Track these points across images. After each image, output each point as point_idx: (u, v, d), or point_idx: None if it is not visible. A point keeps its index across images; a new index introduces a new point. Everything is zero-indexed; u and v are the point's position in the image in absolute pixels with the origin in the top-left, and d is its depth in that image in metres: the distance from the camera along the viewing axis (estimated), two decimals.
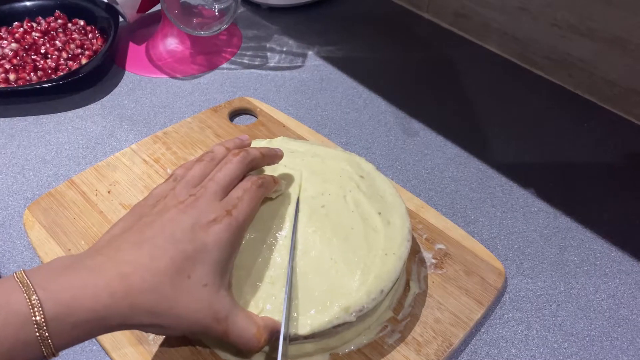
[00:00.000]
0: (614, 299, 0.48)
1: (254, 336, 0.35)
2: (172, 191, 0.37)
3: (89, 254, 0.31)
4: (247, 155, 0.40)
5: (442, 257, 0.49)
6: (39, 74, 0.69)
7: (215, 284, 0.33)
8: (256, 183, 0.39)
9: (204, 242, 0.33)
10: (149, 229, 0.33)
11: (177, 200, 0.35)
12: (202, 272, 0.33)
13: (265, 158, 0.43)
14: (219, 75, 0.74)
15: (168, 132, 0.61)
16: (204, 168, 0.39)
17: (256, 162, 0.41)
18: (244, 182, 0.39)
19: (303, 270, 0.40)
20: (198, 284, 0.32)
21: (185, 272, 0.32)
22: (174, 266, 0.31)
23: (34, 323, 0.26)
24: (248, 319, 0.35)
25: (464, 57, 0.79)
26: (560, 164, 0.62)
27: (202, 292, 0.32)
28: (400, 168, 0.60)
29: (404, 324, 0.44)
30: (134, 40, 0.79)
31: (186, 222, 0.33)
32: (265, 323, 0.36)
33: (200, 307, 0.32)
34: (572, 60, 0.71)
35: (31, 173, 0.58)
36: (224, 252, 0.34)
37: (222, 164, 0.39)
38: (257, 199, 0.38)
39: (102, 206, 0.52)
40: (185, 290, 0.31)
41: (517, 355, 0.44)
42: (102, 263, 0.30)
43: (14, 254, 0.50)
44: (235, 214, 0.36)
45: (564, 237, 0.53)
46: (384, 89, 0.72)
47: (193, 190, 0.36)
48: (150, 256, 0.31)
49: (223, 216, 0.35)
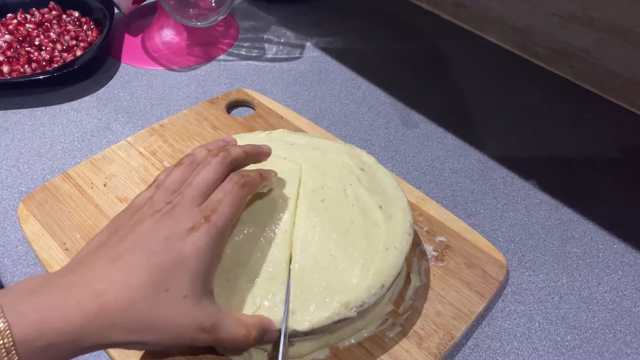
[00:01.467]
0: (616, 291, 0.48)
1: (244, 336, 0.34)
2: (150, 200, 0.35)
3: (61, 273, 0.30)
4: (227, 155, 0.38)
5: (443, 250, 0.48)
6: (33, 66, 0.68)
7: (197, 294, 0.32)
8: (238, 183, 0.37)
9: (181, 253, 0.31)
10: (123, 242, 0.32)
11: (154, 209, 0.34)
12: (181, 283, 0.31)
13: (250, 157, 0.40)
14: (216, 67, 0.73)
15: (164, 124, 0.60)
16: (183, 172, 0.37)
17: (238, 161, 0.39)
18: (225, 183, 0.37)
19: (302, 266, 0.39)
20: (177, 296, 0.31)
21: (163, 285, 0.30)
22: (150, 280, 0.30)
23: (2, 347, 0.25)
24: (235, 321, 0.34)
25: (464, 48, 0.78)
26: (562, 155, 0.61)
27: (183, 304, 0.31)
28: (400, 160, 0.60)
29: (404, 317, 0.43)
30: (129, 31, 0.78)
31: (162, 233, 0.32)
32: (254, 321, 0.35)
33: (182, 319, 0.31)
34: (573, 51, 0.70)
35: (26, 166, 0.57)
36: (203, 261, 0.32)
37: (200, 167, 0.37)
38: (240, 199, 0.36)
39: (98, 199, 0.52)
40: (164, 304, 0.30)
41: (519, 348, 0.43)
42: (74, 282, 0.29)
43: (8, 248, 0.49)
44: (215, 219, 0.34)
45: (566, 229, 0.53)
46: (383, 80, 0.71)
47: (171, 197, 0.35)
48: (124, 272, 0.30)
49: (201, 223, 0.33)
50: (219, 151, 0.38)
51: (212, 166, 0.37)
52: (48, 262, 0.46)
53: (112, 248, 0.31)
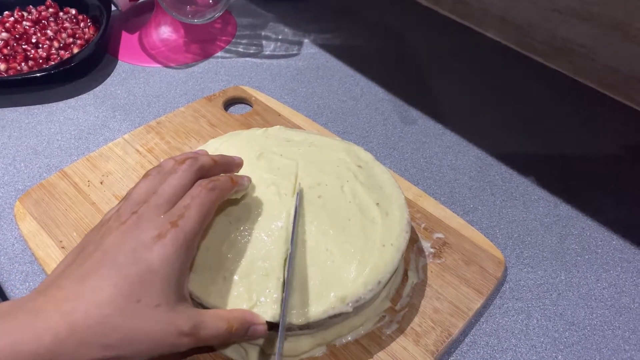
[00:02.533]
0: (615, 288, 0.47)
1: (226, 330, 0.34)
2: (117, 212, 0.34)
3: (31, 297, 0.30)
4: (194, 162, 0.37)
5: (441, 247, 0.48)
6: (30, 63, 0.68)
7: (170, 301, 0.31)
8: (206, 187, 0.36)
9: (149, 262, 0.31)
10: (90, 259, 0.31)
11: (119, 221, 0.33)
12: (152, 293, 0.30)
13: (219, 165, 0.40)
14: (214, 64, 0.73)
15: (162, 121, 0.60)
16: (150, 183, 0.36)
17: (206, 169, 0.38)
18: (193, 188, 0.36)
19: (298, 261, 0.39)
20: (149, 306, 0.30)
21: (134, 297, 0.30)
22: (120, 293, 0.29)
23: None
24: (215, 317, 0.34)
25: (463, 44, 0.78)
26: (561, 151, 0.61)
27: (157, 313, 0.30)
28: (398, 157, 0.59)
29: (402, 314, 0.43)
30: (126, 29, 0.78)
31: (128, 244, 0.31)
32: (234, 314, 0.35)
33: (158, 328, 0.30)
34: (572, 47, 0.69)
35: (22, 164, 0.57)
36: (173, 268, 0.32)
37: (166, 175, 0.36)
38: (208, 203, 0.35)
39: (95, 197, 0.51)
40: (137, 316, 0.30)
41: (517, 345, 0.43)
42: (43, 304, 0.29)
43: (5, 246, 0.49)
44: (182, 224, 0.33)
45: (564, 226, 0.53)
46: (381, 77, 0.71)
47: (136, 207, 0.34)
48: (93, 288, 0.29)
49: (167, 230, 0.32)
50: (185, 158, 0.38)
51: (178, 173, 0.36)
52: (45, 260, 0.46)
53: (80, 266, 0.31)
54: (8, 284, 0.46)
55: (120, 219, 0.33)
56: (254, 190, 0.44)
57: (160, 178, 0.36)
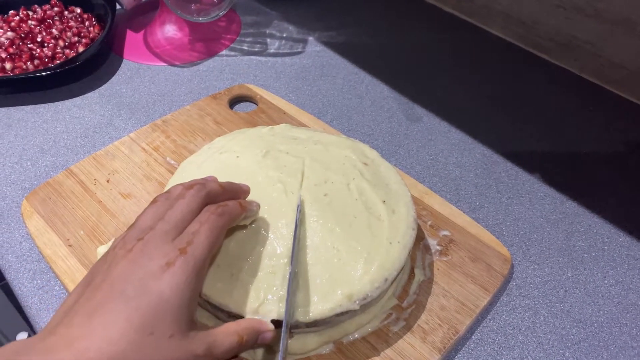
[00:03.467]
0: (622, 285, 0.47)
1: (238, 343, 0.33)
2: (122, 240, 0.33)
3: (41, 336, 0.29)
4: (201, 188, 0.36)
5: (447, 244, 0.48)
6: (35, 62, 0.68)
7: (182, 329, 0.30)
8: (215, 212, 0.35)
9: (159, 292, 0.30)
10: (98, 292, 0.30)
11: (125, 249, 0.32)
12: (165, 324, 0.30)
13: (227, 191, 0.38)
14: (219, 62, 0.73)
15: (167, 120, 0.60)
16: (157, 209, 0.35)
17: (213, 194, 0.37)
18: (201, 214, 0.35)
19: (304, 259, 0.39)
20: (163, 337, 0.29)
21: (146, 329, 0.29)
22: (132, 327, 0.29)
23: None
24: (225, 333, 0.33)
25: (468, 41, 0.78)
26: (567, 148, 0.61)
27: (171, 343, 0.30)
28: (403, 154, 0.59)
29: (409, 311, 0.43)
30: (131, 27, 0.78)
31: (136, 274, 0.30)
32: (243, 325, 0.35)
33: (173, 357, 0.30)
34: (577, 43, 0.69)
35: (29, 163, 0.57)
36: (184, 297, 0.31)
37: (173, 201, 0.35)
38: (217, 229, 0.34)
39: (101, 195, 0.52)
40: (151, 348, 0.29)
41: (524, 342, 0.43)
42: (54, 344, 0.28)
43: (12, 244, 0.49)
44: (191, 251, 0.32)
45: (571, 223, 0.52)
46: (386, 74, 0.71)
47: (142, 234, 0.33)
48: (104, 324, 0.28)
49: (176, 257, 0.31)
50: (193, 183, 0.37)
51: (186, 199, 0.35)
52: (52, 258, 0.46)
53: (88, 300, 0.30)
54: (16, 282, 0.46)
55: (126, 246, 0.32)
56: (260, 188, 0.44)
57: (168, 204, 0.35)
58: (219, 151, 0.49)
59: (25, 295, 0.45)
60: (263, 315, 0.37)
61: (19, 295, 0.46)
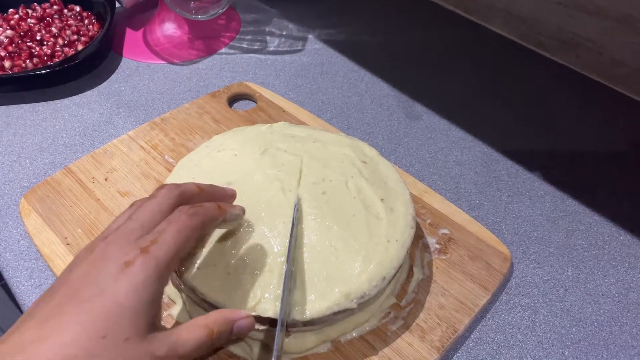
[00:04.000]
0: (623, 283, 0.47)
1: (207, 336, 0.31)
2: (89, 243, 0.32)
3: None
4: (175, 187, 0.34)
5: (447, 242, 0.48)
6: (34, 61, 0.68)
7: (139, 331, 0.29)
8: (187, 212, 0.33)
9: (115, 294, 0.28)
10: (56, 296, 0.29)
11: (89, 250, 0.31)
12: (120, 327, 0.28)
13: (205, 194, 0.36)
14: (218, 60, 0.72)
15: (166, 118, 0.60)
16: (130, 211, 0.34)
17: (189, 195, 0.35)
18: (173, 214, 0.33)
19: (302, 258, 0.39)
20: (117, 341, 0.28)
21: (99, 333, 0.27)
22: (84, 331, 0.27)
23: None
24: (190, 328, 0.32)
25: (469, 38, 0.77)
26: (567, 146, 0.60)
27: (126, 347, 0.28)
28: (403, 152, 0.59)
29: (407, 310, 0.43)
30: (130, 25, 0.78)
31: (93, 276, 0.29)
32: (212, 317, 0.33)
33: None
34: (579, 40, 0.69)
35: (27, 161, 0.57)
36: (142, 299, 0.29)
37: (144, 200, 0.34)
38: (187, 229, 0.32)
39: (99, 193, 0.52)
40: (105, 352, 0.27)
41: (523, 341, 0.43)
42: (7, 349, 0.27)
43: (10, 243, 0.49)
44: (153, 250, 0.30)
45: (571, 221, 0.52)
46: (386, 72, 0.70)
47: (108, 234, 0.32)
48: (56, 328, 0.27)
49: (136, 256, 0.29)
50: (167, 185, 0.35)
51: (157, 198, 0.33)
52: (50, 257, 0.46)
53: (46, 305, 0.29)
54: (14, 281, 0.46)
55: (89, 248, 0.31)
56: (258, 187, 0.43)
57: (139, 204, 0.34)
58: (217, 149, 0.49)
59: (23, 294, 0.45)
60: (260, 314, 0.36)
61: (17, 294, 0.46)
